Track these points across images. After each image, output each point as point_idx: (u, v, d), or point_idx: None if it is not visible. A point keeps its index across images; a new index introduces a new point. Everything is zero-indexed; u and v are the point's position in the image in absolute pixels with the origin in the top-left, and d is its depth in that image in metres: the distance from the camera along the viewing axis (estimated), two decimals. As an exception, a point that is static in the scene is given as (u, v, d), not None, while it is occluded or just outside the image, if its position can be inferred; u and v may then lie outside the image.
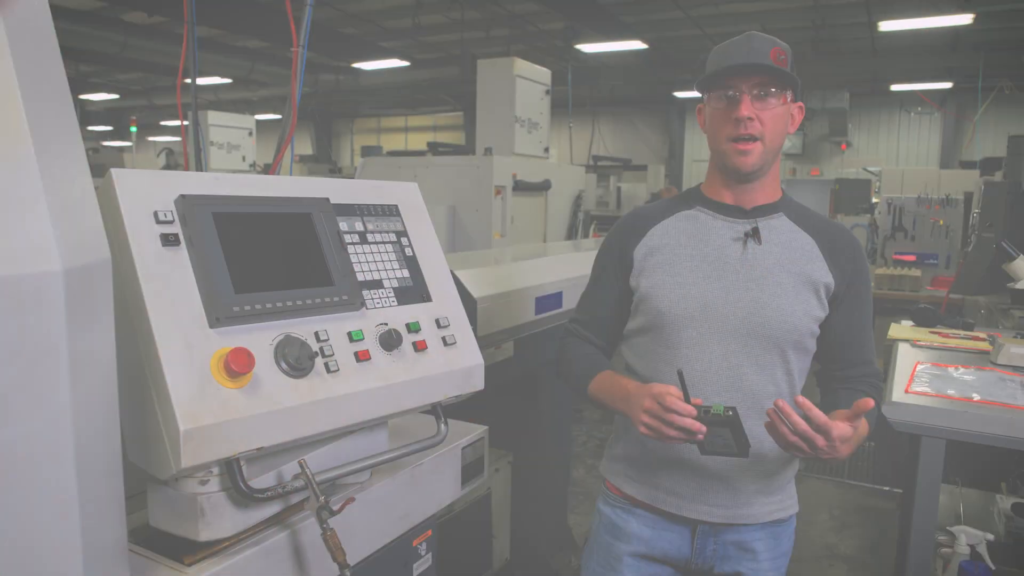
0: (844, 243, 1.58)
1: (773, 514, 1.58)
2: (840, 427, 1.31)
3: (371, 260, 1.41)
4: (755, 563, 1.57)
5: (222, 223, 1.19)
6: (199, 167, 3.59)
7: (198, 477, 1.15)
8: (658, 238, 1.60)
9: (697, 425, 1.31)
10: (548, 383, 2.93)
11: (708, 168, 1.65)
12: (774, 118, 1.48)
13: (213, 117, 7.39)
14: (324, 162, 17.36)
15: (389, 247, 1.46)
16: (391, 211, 1.51)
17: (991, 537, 1.89)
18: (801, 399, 1.33)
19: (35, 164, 0.83)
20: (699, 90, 1.55)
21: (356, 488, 1.46)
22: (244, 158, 7.58)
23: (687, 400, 1.34)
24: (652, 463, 1.59)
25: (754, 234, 1.53)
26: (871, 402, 1.35)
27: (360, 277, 1.37)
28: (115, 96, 16.38)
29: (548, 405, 2.96)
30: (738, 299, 1.51)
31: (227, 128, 7.45)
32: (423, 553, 1.67)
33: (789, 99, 1.50)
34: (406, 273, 1.47)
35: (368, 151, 14.50)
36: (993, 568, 1.84)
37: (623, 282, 1.64)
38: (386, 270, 1.43)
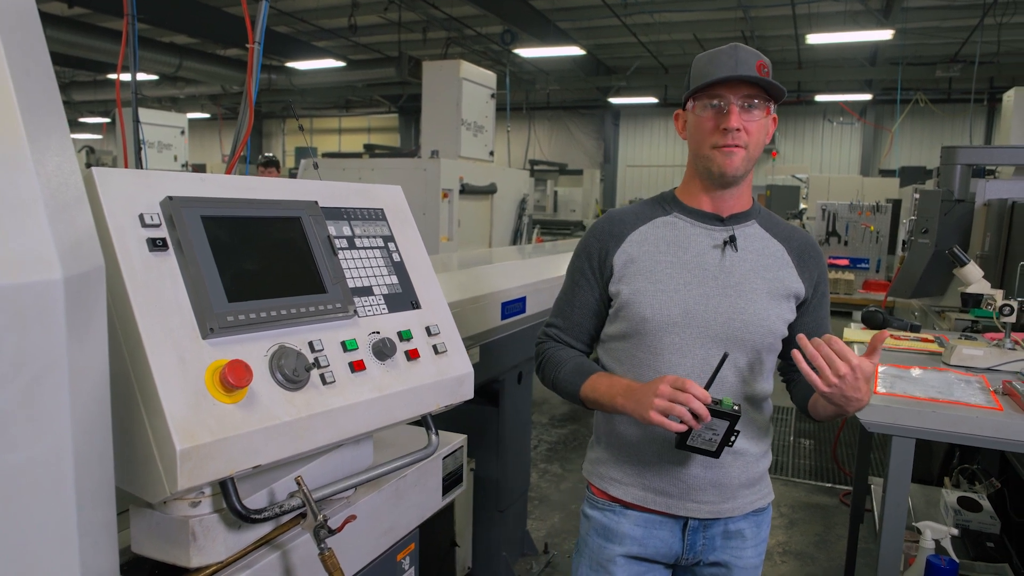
0: (810, 249, 1.66)
1: (755, 503, 1.63)
2: (863, 360, 1.37)
3: (360, 266, 1.35)
4: (742, 547, 1.62)
5: (211, 226, 1.12)
6: (139, 167, 3.42)
7: (189, 499, 1.07)
8: (637, 245, 1.62)
9: (705, 411, 1.36)
10: (510, 388, 2.90)
11: (686, 174, 1.69)
12: (758, 129, 1.55)
13: (144, 115, 7.07)
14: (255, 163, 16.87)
15: (377, 252, 1.40)
16: (378, 215, 1.45)
17: (955, 532, 1.96)
18: (829, 337, 1.40)
19: (30, 160, 0.75)
20: (686, 97, 1.59)
21: (341, 504, 1.40)
22: (176, 158, 7.27)
23: (709, 386, 1.41)
24: (639, 464, 1.61)
25: (732, 242, 1.58)
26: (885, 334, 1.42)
27: (350, 284, 1.31)
28: (28, 91, 15.51)
29: (510, 410, 2.94)
30: (718, 305, 1.55)
31: (158, 127, 7.12)
32: (407, 567, 1.61)
33: (772, 110, 1.57)
34: (395, 279, 1.41)
35: (302, 152, 14.18)
36: (958, 561, 1.91)
37: (602, 288, 1.65)
38: (375, 276, 1.37)
